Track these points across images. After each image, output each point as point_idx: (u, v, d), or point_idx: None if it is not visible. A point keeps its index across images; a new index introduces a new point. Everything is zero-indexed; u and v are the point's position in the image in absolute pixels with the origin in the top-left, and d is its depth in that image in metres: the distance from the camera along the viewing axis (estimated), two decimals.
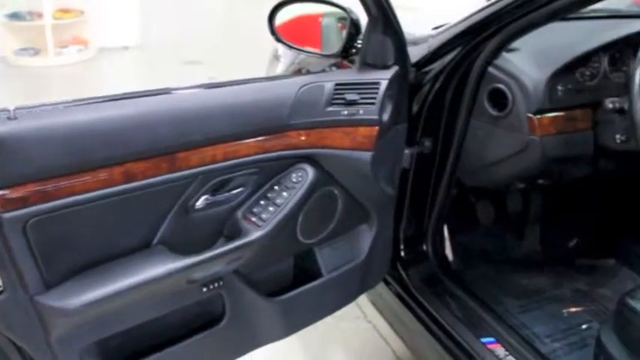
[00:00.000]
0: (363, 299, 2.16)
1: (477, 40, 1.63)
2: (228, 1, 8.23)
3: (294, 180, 1.42)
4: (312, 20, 1.86)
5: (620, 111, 1.67)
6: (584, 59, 1.80)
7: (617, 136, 1.72)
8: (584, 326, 2.02)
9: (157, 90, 1.31)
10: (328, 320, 1.73)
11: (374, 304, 2.13)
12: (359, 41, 1.60)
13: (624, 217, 2.29)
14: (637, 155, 1.62)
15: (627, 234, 2.33)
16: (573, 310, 2.11)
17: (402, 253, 1.89)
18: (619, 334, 1.46)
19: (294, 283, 1.61)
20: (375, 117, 1.45)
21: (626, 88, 1.62)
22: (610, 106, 1.67)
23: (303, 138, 1.41)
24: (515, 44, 1.71)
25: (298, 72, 2.20)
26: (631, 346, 1.42)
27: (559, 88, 1.73)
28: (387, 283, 1.91)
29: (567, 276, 2.27)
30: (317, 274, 1.61)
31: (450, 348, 1.71)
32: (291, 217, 1.42)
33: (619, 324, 1.47)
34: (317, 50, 1.77)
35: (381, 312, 2.12)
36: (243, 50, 5.05)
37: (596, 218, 2.34)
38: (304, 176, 1.42)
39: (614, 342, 1.46)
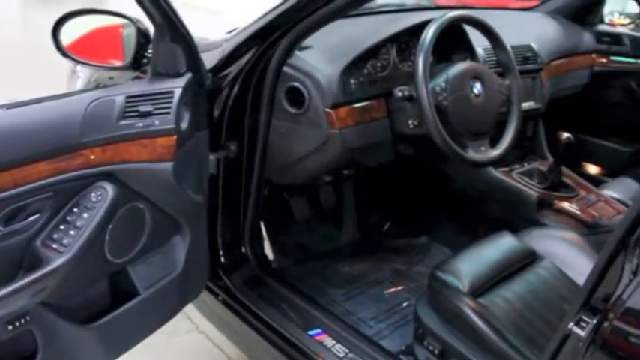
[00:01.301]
0: (193, 311, 2.13)
1: (269, 40, 1.66)
2: (24, 15, 7.73)
3: (94, 200, 1.35)
4: (114, 31, 1.78)
5: (410, 98, 1.76)
6: (374, 51, 1.88)
7: (410, 122, 1.81)
8: (404, 304, 2.14)
9: None
10: (159, 337, 1.68)
11: (203, 314, 2.10)
12: (150, 51, 1.58)
13: (430, 196, 2.45)
14: (429, 138, 1.73)
15: (435, 211, 2.49)
16: (393, 290, 2.22)
17: (222, 259, 1.87)
18: (433, 306, 1.55)
19: (113, 305, 1.55)
20: (172, 126, 1.42)
21: (413, 77, 1.73)
22: (399, 94, 1.75)
23: (98, 155, 1.35)
24: (307, 42, 1.76)
25: (97, 88, 2.11)
26: (444, 316, 1.51)
27: (352, 81, 1.80)
28: (211, 291, 1.89)
29: (386, 258, 2.39)
30: (134, 293, 1.56)
31: (280, 345, 1.72)
32: (95, 239, 1.36)
33: (432, 297, 1.56)
34: (107, 63, 1.70)
35: (211, 321, 2.09)
36: (46, 67, 4.75)
37: (405, 200, 2.48)
38: (104, 195, 1.36)
39: (429, 314, 1.55)
